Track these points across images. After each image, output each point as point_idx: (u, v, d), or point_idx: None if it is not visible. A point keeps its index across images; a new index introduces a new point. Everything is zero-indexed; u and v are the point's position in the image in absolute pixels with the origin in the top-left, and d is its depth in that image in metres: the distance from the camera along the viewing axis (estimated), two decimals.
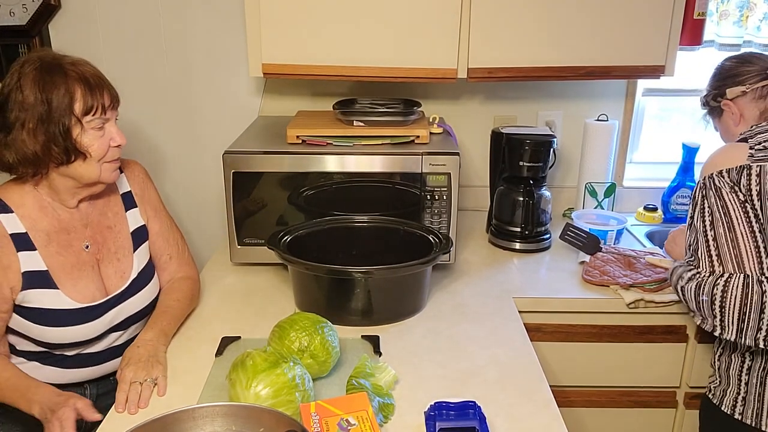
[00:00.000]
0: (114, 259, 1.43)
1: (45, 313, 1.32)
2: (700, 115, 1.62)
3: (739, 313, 1.29)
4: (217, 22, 2.04)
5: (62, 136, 1.26)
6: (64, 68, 1.27)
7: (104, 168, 1.34)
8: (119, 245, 1.44)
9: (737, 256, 1.31)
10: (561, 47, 1.77)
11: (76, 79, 1.27)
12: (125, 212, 1.47)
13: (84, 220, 1.40)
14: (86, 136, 1.28)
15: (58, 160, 1.27)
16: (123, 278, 1.43)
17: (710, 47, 1.99)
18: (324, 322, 1.30)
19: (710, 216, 1.35)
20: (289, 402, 1.09)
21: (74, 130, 1.27)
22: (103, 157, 1.32)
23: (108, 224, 1.44)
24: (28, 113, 1.24)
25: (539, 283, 1.71)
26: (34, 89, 1.24)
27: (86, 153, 1.29)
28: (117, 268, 1.43)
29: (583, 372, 1.69)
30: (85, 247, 1.39)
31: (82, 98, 1.27)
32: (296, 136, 1.71)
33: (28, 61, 1.28)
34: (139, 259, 1.47)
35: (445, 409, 1.09)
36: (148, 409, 1.18)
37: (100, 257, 1.41)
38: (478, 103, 2.14)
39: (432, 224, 1.67)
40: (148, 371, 1.27)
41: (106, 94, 1.31)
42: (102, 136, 1.31)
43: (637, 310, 1.61)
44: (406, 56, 1.76)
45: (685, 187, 2.06)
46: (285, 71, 1.78)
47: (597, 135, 2.03)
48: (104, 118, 1.31)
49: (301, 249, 1.53)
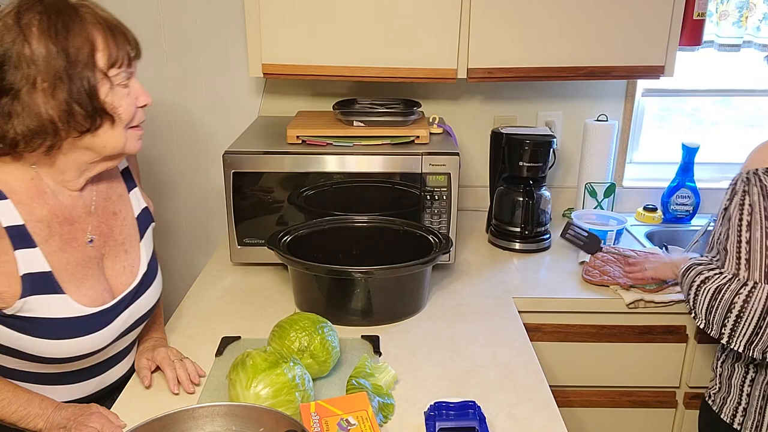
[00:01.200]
0: (121, 251, 1.21)
1: (49, 324, 1.08)
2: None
3: (755, 327, 1.20)
4: (217, 22, 2.04)
5: (87, 95, 1.02)
6: (77, 10, 1.03)
7: (130, 135, 1.11)
8: (126, 234, 1.22)
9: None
10: (561, 47, 1.77)
11: (94, 24, 1.03)
12: (128, 193, 1.25)
13: (88, 206, 1.16)
14: (112, 93, 1.05)
15: (81, 126, 1.04)
16: (132, 273, 1.22)
17: (710, 47, 1.99)
18: (324, 322, 1.30)
19: (749, 216, 1.22)
20: (289, 402, 1.09)
21: (101, 87, 1.04)
22: (131, 120, 1.10)
23: (113, 209, 1.21)
24: (40, 69, 0.99)
25: (539, 283, 1.71)
26: (44, 39, 0.99)
27: (114, 115, 1.06)
28: (125, 263, 1.22)
29: (583, 372, 1.69)
30: (89, 241, 1.16)
31: (104, 47, 1.03)
32: (296, 137, 1.71)
33: (26, 7, 1.01)
34: (146, 248, 1.26)
35: (445, 409, 1.09)
36: (148, 409, 1.18)
37: (105, 251, 1.19)
38: (478, 104, 2.14)
39: (432, 224, 1.67)
40: (178, 352, 1.26)
41: (129, 41, 1.08)
42: (129, 95, 1.08)
43: (636, 310, 1.61)
44: (406, 56, 1.76)
45: (684, 187, 2.06)
46: (285, 71, 1.78)
47: (597, 135, 2.03)
48: (129, 71, 1.09)
49: (301, 249, 1.53)
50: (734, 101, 2.26)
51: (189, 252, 2.25)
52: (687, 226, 2.08)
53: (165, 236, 2.25)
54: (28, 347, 1.09)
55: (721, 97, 2.25)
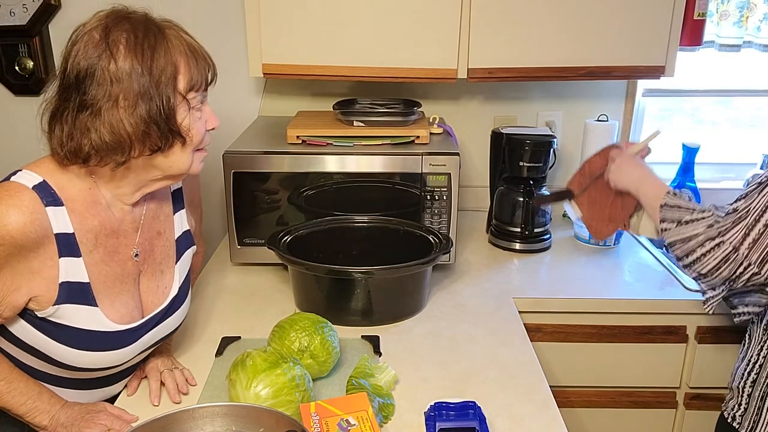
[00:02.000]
0: (158, 271, 1.21)
1: (77, 333, 1.09)
2: None
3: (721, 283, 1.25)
4: (217, 22, 2.04)
5: (165, 116, 1.03)
6: (163, 31, 1.05)
7: (196, 157, 1.12)
8: (165, 255, 1.23)
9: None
10: (561, 47, 1.77)
11: (178, 46, 1.05)
12: (174, 215, 1.26)
13: (136, 222, 1.17)
14: (187, 116, 1.07)
15: (155, 145, 1.04)
16: (164, 295, 1.22)
17: (710, 48, 1.99)
18: (324, 322, 1.30)
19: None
20: (289, 402, 1.09)
21: (179, 109, 1.05)
22: (200, 142, 1.11)
23: (158, 229, 1.22)
24: (123, 87, 1.00)
25: (539, 283, 1.71)
26: (130, 57, 1.00)
27: (186, 138, 1.07)
28: (160, 283, 1.21)
29: (583, 372, 1.69)
30: (135, 255, 1.16)
31: (186, 70, 1.05)
32: (296, 137, 1.71)
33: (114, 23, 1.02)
34: (181, 271, 1.26)
35: (445, 409, 1.09)
36: (149, 409, 1.18)
37: (144, 268, 1.19)
38: (478, 104, 2.14)
39: (432, 224, 1.67)
40: (172, 361, 1.25)
41: (209, 66, 1.10)
42: (200, 118, 1.10)
43: (638, 309, 1.61)
44: (406, 56, 1.76)
45: (685, 187, 2.06)
46: (285, 71, 1.78)
47: (597, 135, 2.03)
48: (204, 95, 1.11)
49: (301, 249, 1.53)
50: (734, 101, 2.26)
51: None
52: None
53: None
54: (51, 351, 1.09)
55: (721, 97, 2.25)
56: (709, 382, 1.67)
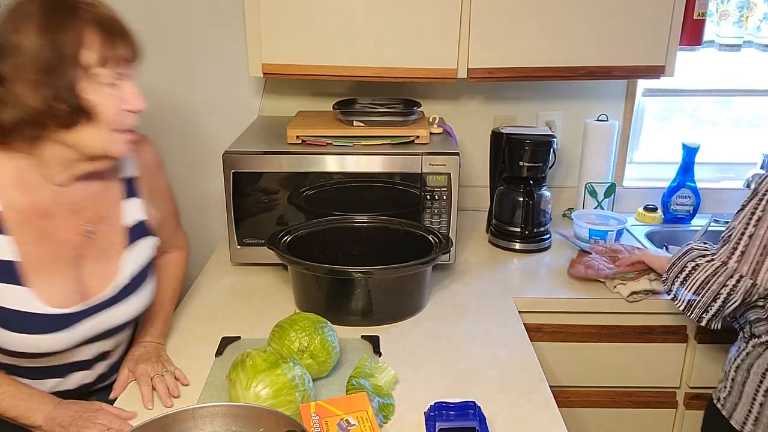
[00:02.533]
0: (102, 256, 1.19)
1: (5, 314, 1.09)
2: None
3: (733, 311, 1.28)
4: (217, 22, 2.04)
5: (67, 90, 1.02)
6: (76, 7, 1.04)
7: (114, 138, 1.09)
8: (110, 241, 1.21)
9: (759, 264, 1.23)
10: (561, 47, 1.77)
11: (89, 22, 1.03)
12: (123, 201, 1.24)
13: (74, 205, 1.15)
14: (95, 92, 1.05)
15: (61, 121, 1.04)
16: (109, 282, 1.20)
17: (710, 47, 1.99)
18: (324, 322, 1.30)
19: (762, 212, 1.23)
20: (289, 402, 1.09)
21: (80, 84, 1.03)
22: (114, 121, 1.08)
23: (102, 214, 1.20)
24: (28, 60, 1.01)
25: (539, 283, 1.71)
26: (37, 31, 1.01)
27: (93, 113, 1.05)
28: (104, 269, 1.20)
29: (583, 372, 1.69)
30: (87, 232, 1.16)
31: (94, 45, 1.03)
32: (296, 136, 1.71)
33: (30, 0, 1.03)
34: (135, 260, 1.24)
35: (445, 409, 1.09)
36: (148, 409, 1.18)
37: (86, 252, 1.17)
38: (478, 103, 2.14)
39: (432, 224, 1.67)
40: (162, 364, 1.25)
41: (126, 43, 1.08)
42: (114, 96, 1.07)
43: (638, 309, 1.61)
44: (406, 56, 1.76)
45: (685, 187, 2.06)
46: (285, 71, 1.78)
47: (597, 135, 2.03)
48: (120, 72, 1.07)
49: (301, 249, 1.53)
50: (734, 101, 2.26)
51: (189, 252, 2.24)
52: (687, 226, 2.08)
53: None
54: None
55: (721, 97, 2.25)
56: (709, 382, 1.67)
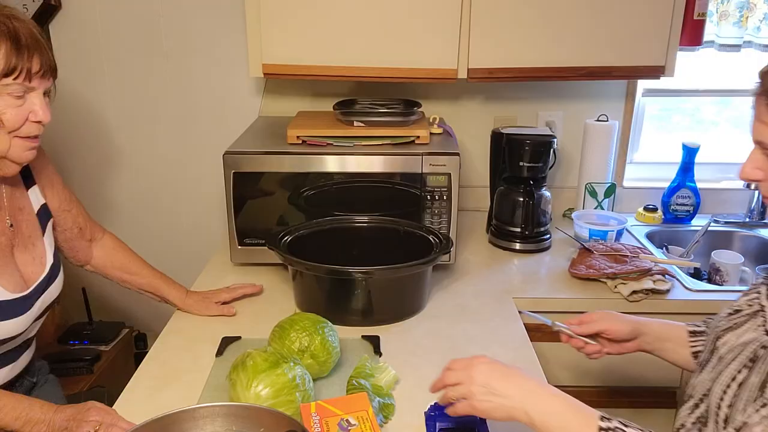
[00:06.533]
0: (29, 243, 1.29)
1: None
2: None
3: None
4: (217, 22, 2.04)
5: None
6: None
7: (16, 143, 1.15)
8: (32, 228, 1.31)
9: None
10: (561, 47, 1.77)
11: (3, 33, 1.09)
12: (27, 191, 1.33)
13: None
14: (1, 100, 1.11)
15: None
16: (42, 264, 1.30)
17: (710, 48, 1.99)
18: (324, 322, 1.30)
19: None
20: (289, 402, 1.09)
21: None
22: (17, 130, 1.14)
23: (19, 205, 1.29)
24: None
25: (539, 283, 1.71)
26: None
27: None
28: (34, 254, 1.30)
29: (583, 372, 1.69)
30: (10, 226, 1.25)
31: (3, 57, 1.09)
32: (296, 137, 1.71)
33: None
34: (49, 241, 1.34)
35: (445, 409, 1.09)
36: (148, 409, 1.18)
37: (15, 242, 1.26)
38: (478, 104, 2.14)
39: (432, 224, 1.67)
40: None
41: (37, 58, 1.13)
42: (20, 106, 1.13)
43: (638, 308, 1.61)
44: (406, 56, 1.76)
45: (685, 187, 2.06)
46: (285, 71, 1.78)
47: (597, 135, 2.03)
48: (27, 85, 1.13)
49: (302, 249, 1.53)
50: (734, 101, 2.26)
51: (189, 252, 2.24)
52: (687, 226, 2.09)
53: (165, 236, 2.25)
54: None
55: (721, 97, 2.25)
56: None
